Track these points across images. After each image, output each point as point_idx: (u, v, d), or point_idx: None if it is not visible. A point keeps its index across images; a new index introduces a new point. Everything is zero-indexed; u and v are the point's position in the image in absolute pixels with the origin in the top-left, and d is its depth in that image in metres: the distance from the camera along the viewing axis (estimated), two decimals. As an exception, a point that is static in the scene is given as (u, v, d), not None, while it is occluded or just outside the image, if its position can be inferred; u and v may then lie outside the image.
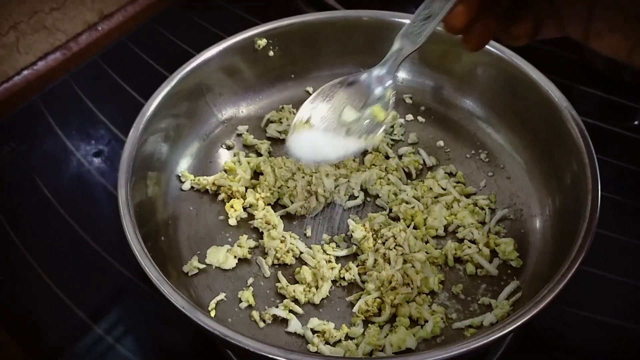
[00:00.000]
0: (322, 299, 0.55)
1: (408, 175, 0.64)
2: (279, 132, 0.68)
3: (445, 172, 0.63)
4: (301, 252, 0.58)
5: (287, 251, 0.57)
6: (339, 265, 0.57)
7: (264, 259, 0.57)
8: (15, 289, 0.64)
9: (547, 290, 0.45)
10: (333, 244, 0.59)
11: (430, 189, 0.61)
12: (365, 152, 0.66)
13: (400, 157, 0.65)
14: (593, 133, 0.56)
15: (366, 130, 0.48)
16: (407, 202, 0.60)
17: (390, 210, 0.61)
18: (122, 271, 0.64)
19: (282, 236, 0.58)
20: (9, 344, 0.60)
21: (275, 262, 0.57)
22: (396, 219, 0.60)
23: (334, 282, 0.56)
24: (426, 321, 0.52)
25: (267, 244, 0.57)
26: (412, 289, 0.53)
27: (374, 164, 0.64)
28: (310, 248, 0.58)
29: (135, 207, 0.53)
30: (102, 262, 0.65)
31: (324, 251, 0.58)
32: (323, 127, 0.48)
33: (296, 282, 0.56)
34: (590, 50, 0.82)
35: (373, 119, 0.49)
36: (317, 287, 0.55)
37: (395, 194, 0.62)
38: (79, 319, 0.61)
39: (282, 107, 0.70)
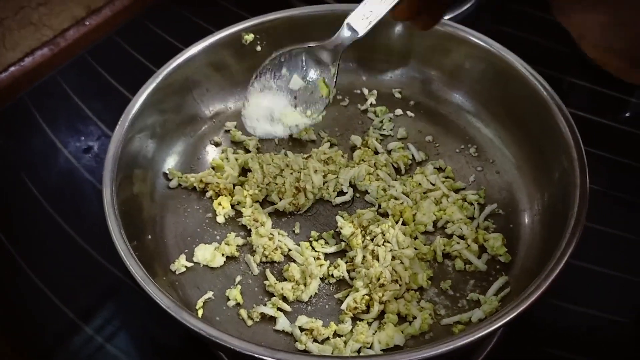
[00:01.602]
0: (311, 297, 0.55)
1: (397, 170, 0.64)
2: (267, 128, 0.67)
3: (434, 167, 0.63)
4: (289, 250, 0.57)
5: (275, 248, 0.57)
6: (328, 262, 0.56)
7: (252, 256, 0.57)
8: (2, 288, 0.64)
9: (535, 285, 0.45)
10: (322, 241, 0.59)
11: (419, 184, 0.61)
12: (354, 148, 0.66)
13: (389, 152, 0.65)
14: (584, 126, 0.56)
15: (312, 102, 0.54)
16: (396, 198, 0.60)
17: (379, 206, 0.60)
18: (111, 270, 0.63)
19: (270, 233, 0.58)
20: (-1, 343, 0.60)
21: (264, 259, 0.57)
22: (385, 215, 0.59)
23: (322, 279, 0.56)
24: (414, 318, 0.52)
25: (255, 241, 0.57)
26: (400, 285, 0.53)
27: (363, 160, 0.64)
28: (299, 245, 0.58)
29: (120, 206, 0.52)
30: (91, 261, 0.64)
31: (313, 248, 0.58)
32: (272, 94, 0.53)
33: (284, 279, 0.56)
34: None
35: (318, 92, 0.53)
36: (305, 285, 0.55)
37: (385, 190, 0.61)
38: (68, 319, 0.61)
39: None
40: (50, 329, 0.60)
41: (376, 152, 0.65)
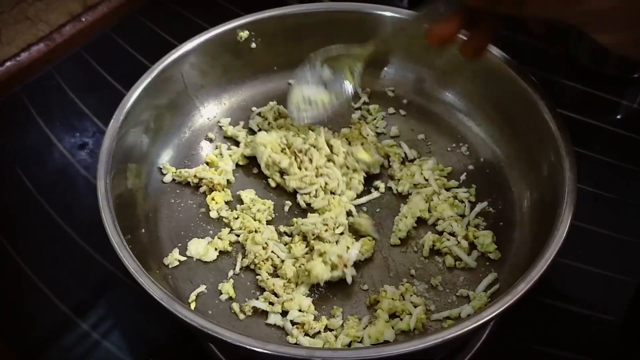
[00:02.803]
0: (302, 290, 0.55)
1: (389, 168, 0.64)
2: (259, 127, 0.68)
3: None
4: (282, 260, 0.56)
5: (267, 259, 0.56)
6: None
7: (245, 256, 0.57)
8: (-3, 283, 0.64)
9: (523, 281, 0.46)
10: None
11: (412, 175, 0.61)
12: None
13: (382, 149, 0.66)
14: (576, 127, 0.56)
15: (340, 89, 0.59)
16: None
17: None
18: (106, 265, 0.64)
19: (265, 242, 0.57)
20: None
21: (252, 266, 0.56)
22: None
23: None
24: (407, 314, 0.52)
25: (249, 247, 0.57)
26: (391, 281, 0.54)
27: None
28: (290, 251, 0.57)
29: (115, 200, 0.52)
30: (86, 256, 0.65)
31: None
32: (308, 86, 0.59)
33: (277, 275, 0.56)
34: (574, 44, 0.82)
35: (345, 80, 0.59)
36: (297, 284, 0.55)
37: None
38: (63, 314, 0.61)
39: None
40: (45, 324, 0.61)
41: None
